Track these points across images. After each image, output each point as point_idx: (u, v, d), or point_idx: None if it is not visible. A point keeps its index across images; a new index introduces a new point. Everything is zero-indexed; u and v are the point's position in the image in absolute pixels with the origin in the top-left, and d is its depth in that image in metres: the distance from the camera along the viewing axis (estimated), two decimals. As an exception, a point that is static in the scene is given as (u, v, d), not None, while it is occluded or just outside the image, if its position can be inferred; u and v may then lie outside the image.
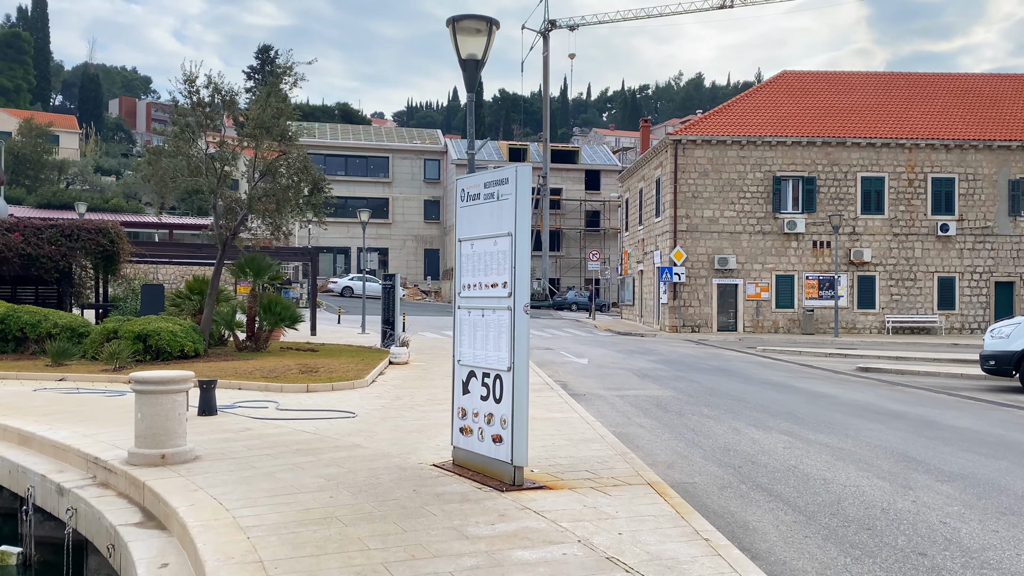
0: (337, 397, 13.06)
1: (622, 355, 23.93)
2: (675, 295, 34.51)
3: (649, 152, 38.22)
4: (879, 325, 34.81)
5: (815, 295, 34.81)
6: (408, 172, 62.68)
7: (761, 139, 34.46)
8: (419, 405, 12.26)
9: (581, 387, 15.95)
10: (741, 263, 34.62)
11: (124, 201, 53.14)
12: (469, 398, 7.49)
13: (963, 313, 34.95)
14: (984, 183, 35.06)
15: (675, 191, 34.55)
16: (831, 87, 38.67)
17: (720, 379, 17.94)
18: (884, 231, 34.91)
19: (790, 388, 16.43)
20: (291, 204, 21.22)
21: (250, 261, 21.66)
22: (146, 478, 7.17)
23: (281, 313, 21.42)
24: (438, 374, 16.74)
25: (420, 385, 14.84)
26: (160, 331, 17.82)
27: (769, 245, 34.75)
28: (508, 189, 7.02)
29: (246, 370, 16.11)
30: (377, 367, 16.76)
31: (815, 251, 34.82)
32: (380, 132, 65.51)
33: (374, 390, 14.05)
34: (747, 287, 34.70)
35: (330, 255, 61.99)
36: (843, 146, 34.76)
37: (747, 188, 34.75)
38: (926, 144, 34.67)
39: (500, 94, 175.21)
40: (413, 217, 62.70)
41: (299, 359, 18.45)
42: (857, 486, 7.93)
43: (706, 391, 15.65)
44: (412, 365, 18.66)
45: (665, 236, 35.34)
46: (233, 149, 20.36)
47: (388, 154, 62.32)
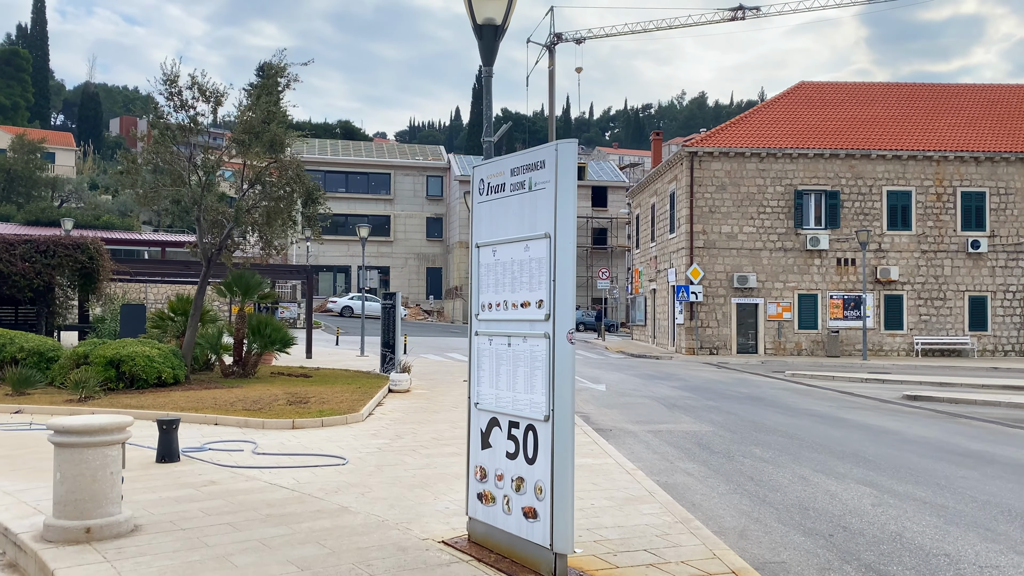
0: (327, 435, 11.21)
1: (641, 380, 22.07)
2: (692, 315, 32.66)
3: (662, 165, 36.51)
4: (907, 347, 32.92)
5: (840, 315, 32.95)
6: (410, 189, 61.05)
7: (781, 151, 32.74)
8: (422, 447, 10.41)
9: (606, 420, 14.09)
10: (761, 281, 32.80)
11: (118, 219, 51.45)
12: (491, 455, 5.66)
13: (996, 334, 33.05)
14: (1016, 197, 33.28)
15: (691, 205, 32.79)
16: (851, 98, 37.02)
17: (758, 410, 16.08)
18: (911, 248, 33.11)
19: (842, 421, 14.56)
20: (283, 217, 19.48)
21: (238, 279, 19.90)
22: (58, 564, 5.33)
23: (272, 336, 19.60)
24: (443, 404, 14.89)
25: (423, 419, 12.99)
26: (135, 356, 16.04)
27: (791, 262, 32.95)
28: (545, 175, 5.23)
29: (227, 401, 14.29)
30: (375, 397, 14.92)
31: (839, 269, 33.00)
32: (381, 148, 63.96)
33: (371, 426, 12.20)
34: (768, 307, 32.86)
35: (330, 274, 60.25)
36: (867, 158, 33.04)
37: (767, 202, 33.00)
38: (955, 156, 32.95)
39: (503, 113, 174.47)
40: (415, 235, 61.00)
41: (289, 387, 16.62)
42: (997, 567, 6.08)
43: (748, 425, 13.78)
44: (414, 394, 16.81)
45: (681, 253, 33.54)
46: (219, 156, 18.65)
47: (390, 171, 60.72)
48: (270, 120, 18.29)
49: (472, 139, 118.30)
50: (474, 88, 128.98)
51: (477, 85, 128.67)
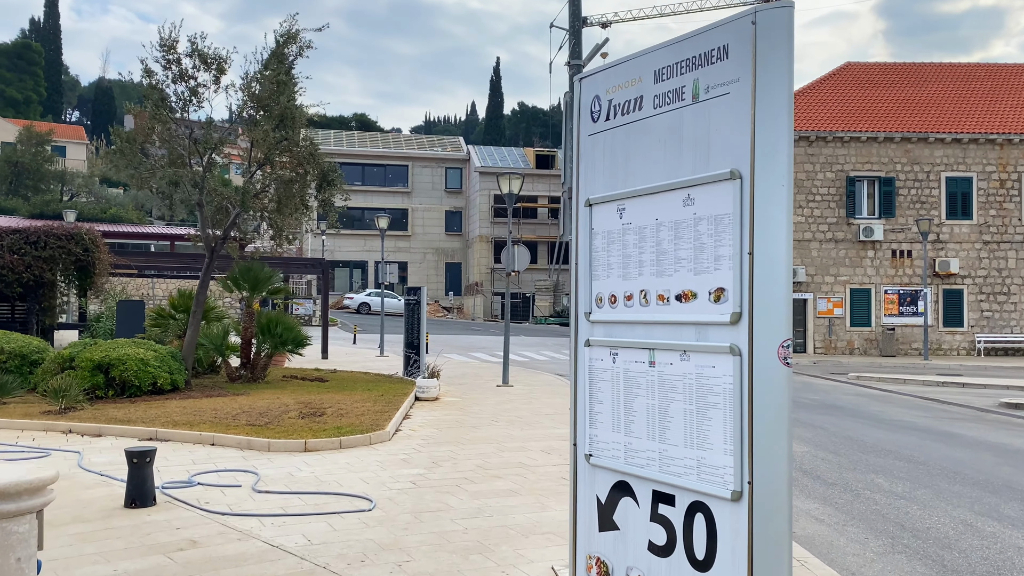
0: (347, 461, 9.07)
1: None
2: (735, 312, 30.31)
3: (701, 151, 34.20)
4: (968, 345, 30.49)
5: (895, 311, 30.56)
6: (428, 181, 58.94)
7: (831, 134, 30.35)
8: (467, 479, 8.25)
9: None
10: (811, 275, 30.45)
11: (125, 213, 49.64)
12: (617, 542, 3.48)
13: (1065, 332, 30.58)
14: (1085, 183, 30.78)
15: (734, 194, 30.43)
16: (902, 78, 34.55)
17: (845, 421, 13.83)
18: (972, 239, 30.65)
19: (955, 438, 12.29)
20: (294, 202, 17.37)
21: (245, 272, 17.84)
22: None
23: (283, 335, 17.52)
24: (481, 417, 12.72)
25: (461, 438, 10.82)
26: (127, 359, 14.01)
27: (842, 255, 30.57)
28: (729, 71, 3.03)
29: (230, 412, 12.21)
30: (401, 408, 12.77)
31: (894, 261, 30.60)
32: (399, 139, 61.88)
33: (399, 447, 10.05)
34: (818, 302, 30.50)
35: (346, 269, 58.26)
36: (925, 142, 30.60)
37: (816, 190, 30.62)
38: (1020, 140, 30.45)
39: (520, 107, 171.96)
40: (434, 229, 58.89)
41: (302, 394, 14.53)
42: None
43: (846, 443, 11.55)
44: (444, 402, 14.66)
45: (722, 245, 31.19)
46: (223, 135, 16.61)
47: (407, 162, 58.63)
48: (280, 92, 16.20)
49: (489, 133, 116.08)
50: (491, 81, 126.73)
51: (494, 77, 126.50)
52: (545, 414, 13.27)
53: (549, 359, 27.22)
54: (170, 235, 41.20)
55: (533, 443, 10.35)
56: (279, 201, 17.32)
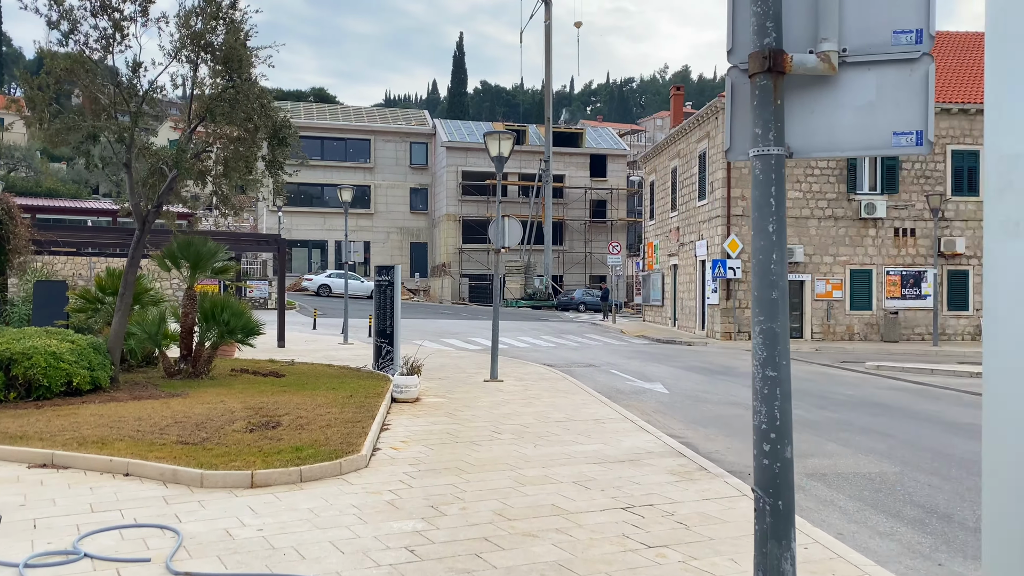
0: (310, 504, 6.48)
1: (702, 377, 17.52)
2: (729, 295, 28.13)
3: (690, 121, 31.82)
4: (973, 330, 28.65)
5: (897, 294, 28.58)
6: (392, 156, 55.92)
7: (832, 104, 28.14)
8: (490, 541, 5.68)
9: (725, 453, 9.48)
10: (808, 255, 28.31)
11: (64, 187, 45.97)
12: None
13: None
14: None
15: (728, 167, 28.15)
16: (900, 47, 32.45)
17: (908, 426, 11.56)
18: (979, 216, 28.71)
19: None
20: (243, 164, 14.59)
21: (185, 247, 15.05)
22: None
23: (230, 322, 14.76)
24: (477, 427, 10.16)
25: (461, 458, 8.26)
26: (33, 353, 11.24)
27: (842, 233, 28.47)
28: None
29: (158, 423, 9.55)
30: (377, 415, 10.17)
31: (897, 240, 28.59)
32: (360, 112, 58.66)
33: (381, 476, 7.47)
34: (816, 284, 28.40)
35: (304, 249, 55.14)
36: (930, 113, 28.53)
37: (816, 163, 28.45)
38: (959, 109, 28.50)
39: (483, 86, 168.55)
40: (398, 207, 55.96)
41: (252, 394, 11.87)
42: None
43: (938, 458, 9.23)
44: (427, 404, 12.09)
45: (714, 223, 28.94)
46: (155, 81, 13.79)
47: (369, 136, 55.52)
48: (217, 20, 13.43)
49: (453, 111, 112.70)
50: (454, 56, 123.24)
51: (457, 53, 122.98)
52: (554, 421, 10.77)
53: (530, 346, 24.76)
54: (111, 210, 37.84)
55: (558, 468, 7.85)
56: (225, 164, 14.54)
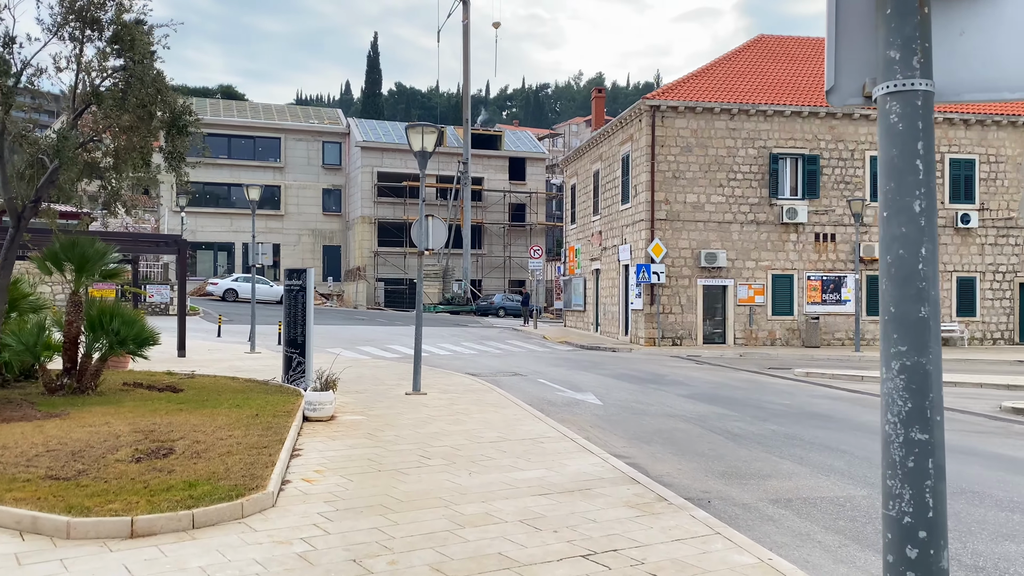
0: (202, 561, 5.26)
1: (634, 386, 16.74)
2: (652, 299, 27.59)
3: (612, 124, 31.25)
4: (890, 335, 28.85)
5: (818, 299, 28.60)
6: (304, 156, 53.90)
7: (755, 107, 27.99)
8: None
9: (677, 475, 8.60)
10: (731, 260, 28.05)
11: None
12: None
13: (984, 320, 29.44)
14: (1007, 166, 29.69)
15: (652, 170, 27.64)
16: (817, 53, 32.72)
17: (860, 440, 10.96)
18: (896, 222, 28.99)
19: (1019, 465, 9.54)
20: (138, 155, 13.13)
21: (68, 248, 13.46)
22: None
23: (121, 332, 13.20)
24: (402, 449, 9.00)
25: (386, 492, 7.11)
26: None
27: (764, 238, 28.32)
28: None
29: (25, 452, 8.16)
30: (287, 439, 8.93)
31: (818, 246, 28.61)
32: (270, 109, 56.40)
33: (291, 520, 6.27)
34: (738, 289, 28.16)
35: (209, 252, 52.63)
36: (849, 118, 28.73)
37: (738, 167, 28.22)
38: (943, 118, 29.02)
39: (397, 88, 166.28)
40: (310, 208, 53.96)
41: (144, 414, 10.45)
42: None
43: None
44: (343, 423, 10.86)
45: (638, 226, 28.40)
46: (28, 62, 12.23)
47: (280, 135, 53.38)
48: (111, 1, 11.96)
49: (367, 112, 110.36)
50: (368, 57, 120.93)
51: (372, 53, 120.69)
52: (488, 441, 9.71)
53: (452, 353, 23.64)
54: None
55: (501, 503, 6.79)
56: (116, 155, 13.05)
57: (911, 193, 1.85)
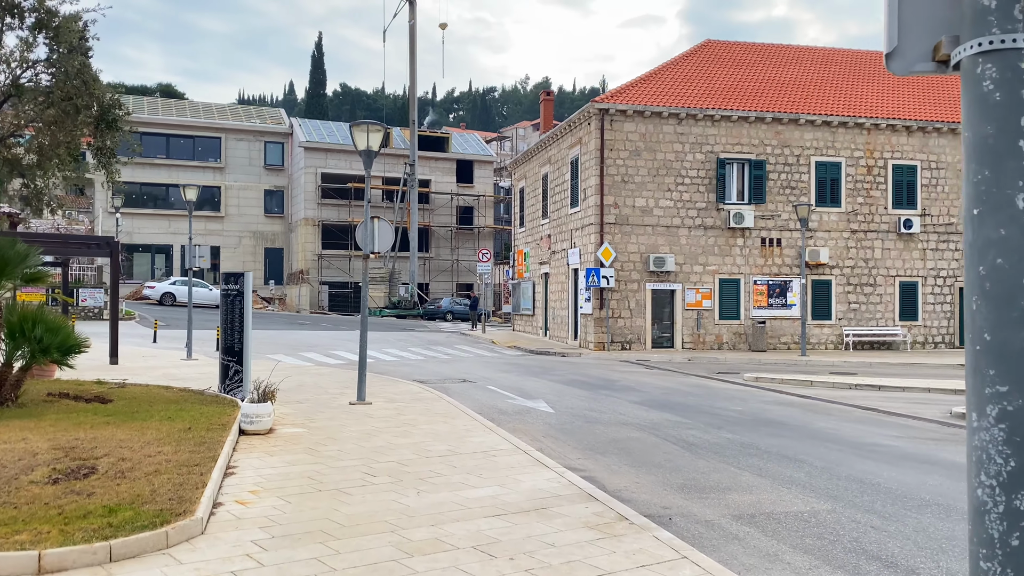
0: (119, 602, 4.70)
1: (585, 392, 16.40)
2: (602, 304, 27.37)
3: (561, 127, 31.00)
4: (836, 339, 29.16)
5: (764, 303, 28.70)
6: (245, 156, 52.65)
7: (702, 112, 27.98)
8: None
9: (635, 489, 8.24)
10: (679, 264, 27.98)
11: None
12: None
13: (926, 324, 29.88)
14: (947, 172, 30.23)
15: (601, 174, 27.44)
16: (764, 60, 32.95)
17: (815, 449, 10.74)
18: (841, 227, 29.31)
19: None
20: (65, 150, 12.39)
21: (-14, 249, 12.54)
22: None
23: (44, 339, 12.38)
24: (345, 465, 8.48)
25: (327, 516, 6.59)
26: None
27: (711, 242, 28.32)
28: None
29: (-75, 476, 7.39)
30: (220, 456, 8.34)
31: (764, 250, 28.72)
32: (211, 108, 54.97)
33: (222, 550, 5.72)
34: (686, 293, 28.10)
35: (147, 255, 51.05)
36: (795, 124, 28.89)
37: (686, 172, 28.18)
38: (886, 124, 29.39)
39: (342, 89, 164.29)
40: (251, 210, 52.72)
41: (66, 429, 9.73)
42: None
43: (871, 493, 8.34)
44: (283, 436, 10.28)
45: (587, 230, 28.16)
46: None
47: (220, 134, 52.06)
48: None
49: (311, 112, 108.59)
50: (313, 57, 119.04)
51: (316, 53, 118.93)
52: (437, 455, 9.24)
53: (398, 359, 23.07)
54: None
55: (452, 526, 6.33)
56: (40, 151, 12.28)
57: (1013, 184, 1.44)
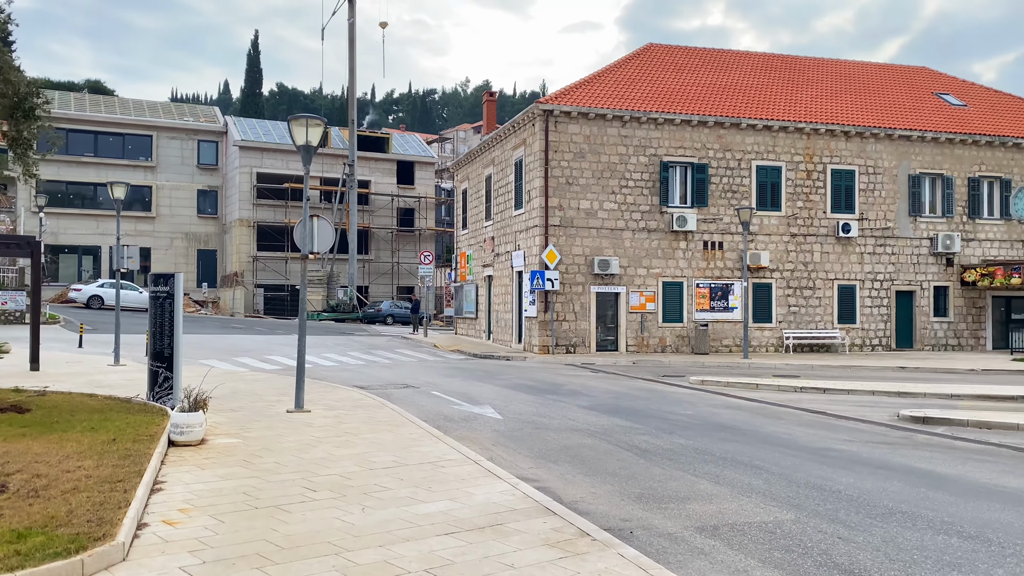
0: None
1: (532, 397, 16.03)
2: (547, 307, 27.07)
3: (505, 128, 30.62)
4: (776, 341, 29.38)
5: (706, 306, 28.75)
6: (178, 155, 51.05)
7: (646, 115, 27.90)
8: None
9: (592, 500, 7.87)
10: (624, 267, 27.85)
11: None
12: None
13: (864, 327, 30.32)
14: (884, 177, 30.73)
15: (546, 175, 27.15)
16: (705, 64, 33.13)
17: (770, 454, 10.54)
18: (781, 231, 29.56)
19: (945, 481, 9.26)
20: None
21: None
22: None
23: (-47, 345, 11.49)
24: (283, 479, 7.92)
25: (264, 537, 6.06)
26: None
27: (655, 245, 28.27)
28: None
29: None
30: (147, 469, 7.71)
31: (706, 253, 28.78)
32: (141, 105, 53.17)
33: (145, 578, 5.17)
34: (631, 296, 27.98)
35: (74, 256, 49.10)
36: (737, 128, 29.04)
37: (630, 175, 28.08)
38: (826, 130, 29.75)
39: (279, 88, 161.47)
40: (184, 210, 51.13)
41: (-27, 445, 8.94)
42: None
43: (832, 500, 8.11)
44: (216, 447, 9.65)
45: (532, 232, 27.85)
46: None
47: (152, 132, 50.38)
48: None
49: (247, 111, 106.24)
50: (249, 55, 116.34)
51: (252, 52, 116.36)
52: (382, 467, 8.74)
53: (337, 364, 22.38)
54: None
55: (401, 548, 5.85)
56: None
57: None
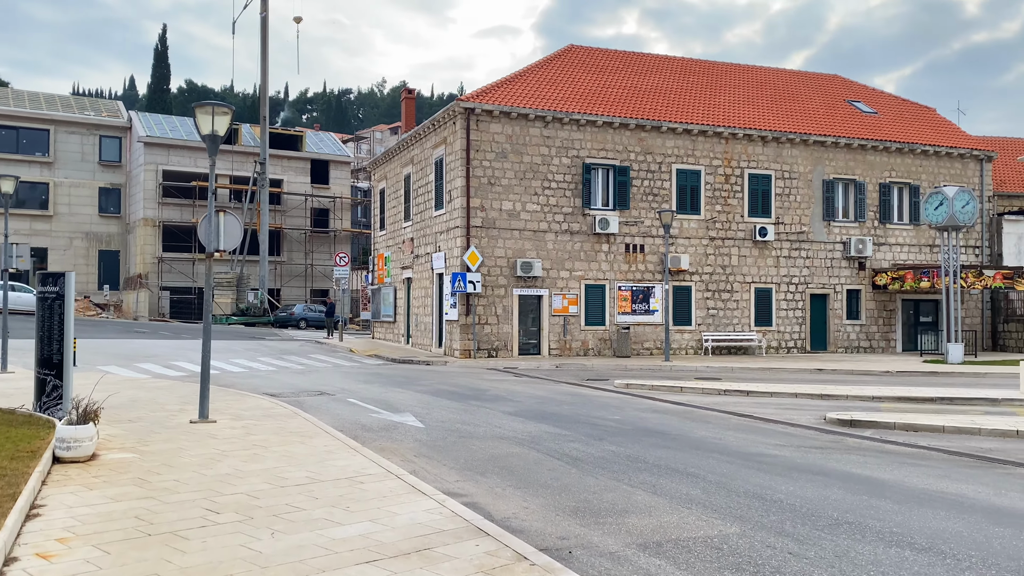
0: None
1: (455, 404, 15.39)
2: (468, 310, 26.44)
3: (425, 126, 29.86)
4: (696, 344, 29.46)
5: (628, 309, 28.61)
6: (78, 151, 48.49)
7: (568, 116, 27.61)
8: None
9: (525, 516, 7.29)
10: (546, 269, 27.46)
11: None
12: None
13: (780, 330, 30.71)
14: (800, 182, 31.20)
15: (468, 175, 26.54)
16: (625, 66, 33.11)
17: (705, 461, 10.17)
18: (700, 234, 29.67)
19: (887, 487, 9.02)
20: None
21: None
22: None
23: None
24: (183, 501, 7.09)
25: (158, 569, 5.27)
26: None
27: (577, 248, 27.98)
28: None
29: None
30: (22, 491, 6.78)
31: (628, 256, 28.65)
32: (37, 97, 50.32)
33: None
34: (553, 299, 27.61)
35: (-40, 256, 45.93)
36: (658, 131, 29.03)
37: (553, 176, 27.73)
38: (743, 134, 30.02)
39: (188, 85, 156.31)
40: (84, 209, 48.59)
41: None
42: None
43: (782, 512, 7.74)
44: (108, 463, 8.70)
45: (453, 233, 27.19)
46: None
47: (49, 126, 47.72)
48: None
49: (154, 108, 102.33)
50: (156, 50, 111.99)
51: (160, 47, 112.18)
52: (294, 483, 7.97)
53: (246, 370, 21.28)
54: None
55: (316, 579, 5.15)
56: None
57: None
